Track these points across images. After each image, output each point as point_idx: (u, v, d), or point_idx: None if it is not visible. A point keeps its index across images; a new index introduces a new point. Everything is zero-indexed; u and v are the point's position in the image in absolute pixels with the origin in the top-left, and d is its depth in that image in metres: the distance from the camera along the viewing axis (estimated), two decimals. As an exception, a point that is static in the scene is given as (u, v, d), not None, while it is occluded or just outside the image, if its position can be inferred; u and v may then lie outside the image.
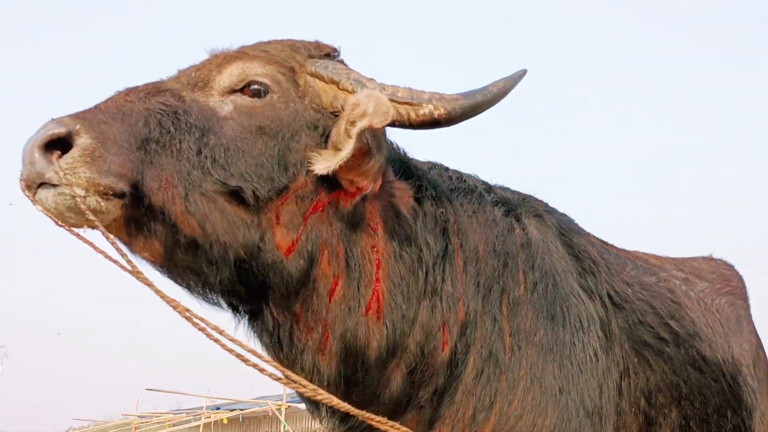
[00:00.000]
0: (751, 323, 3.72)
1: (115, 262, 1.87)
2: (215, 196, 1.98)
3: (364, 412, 1.95)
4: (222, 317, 2.20)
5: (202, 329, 1.90)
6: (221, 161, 2.00)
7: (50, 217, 1.88)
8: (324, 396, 1.89)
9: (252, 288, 2.06)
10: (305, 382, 1.91)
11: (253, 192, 2.00)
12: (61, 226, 1.89)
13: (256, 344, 2.22)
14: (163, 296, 1.89)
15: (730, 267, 3.90)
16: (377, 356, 2.16)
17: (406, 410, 2.25)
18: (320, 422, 2.33)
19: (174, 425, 36.83)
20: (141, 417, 38.64)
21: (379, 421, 1.95)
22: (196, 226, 1.96)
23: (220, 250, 1.99)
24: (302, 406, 30.00)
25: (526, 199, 2.80)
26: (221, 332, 1.92)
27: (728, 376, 3.12)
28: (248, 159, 2.03)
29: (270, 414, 31.23)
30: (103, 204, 1.86)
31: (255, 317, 2.18)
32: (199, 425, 33.97)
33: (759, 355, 3.67)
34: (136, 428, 38.43)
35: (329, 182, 2.12)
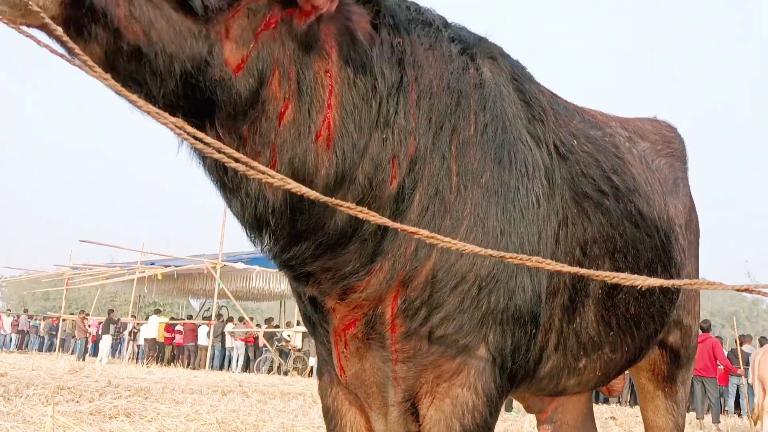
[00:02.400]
0: (687, 185, 3.79)
1: (62, 55, 1.73)
2: (161, 2, 1.85)
3: (332, 199, 1.86)
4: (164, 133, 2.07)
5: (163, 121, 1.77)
6: None
7: None
8: (293, 185, 1.79)
9: (198, 105, 1.96)
10: (264, 168, 1.79)
11: (202, 1, 1.87)
12: None
13: (198, 166, 2.15)
14: (118, 89, 1.72)
15: (673, 129, 3.93)
16: (325, 185, 2.11)
17: (350, 242, 2.23)
18: (261, 250, 2.29)
19: (107, 278, 37.07)
20: (73, 269, 38.70)
21: (348, 207, 1.86)
22: (140, 33, 1.83)
23: (165, 60, 1.87)
24: (237, 265, 30.63)
25: (482, 40, 2.72)
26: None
27: (662, 232, 3.19)
28: None
29: (205, 272, 31.65)
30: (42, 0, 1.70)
31: (199, 138, 2.09)
32: (133, 279, 34.25)
33: (691, 218, 3.76)
34: (68, 280, 38.55)
35: None
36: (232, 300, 31.68)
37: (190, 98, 1.94)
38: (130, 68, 1.87)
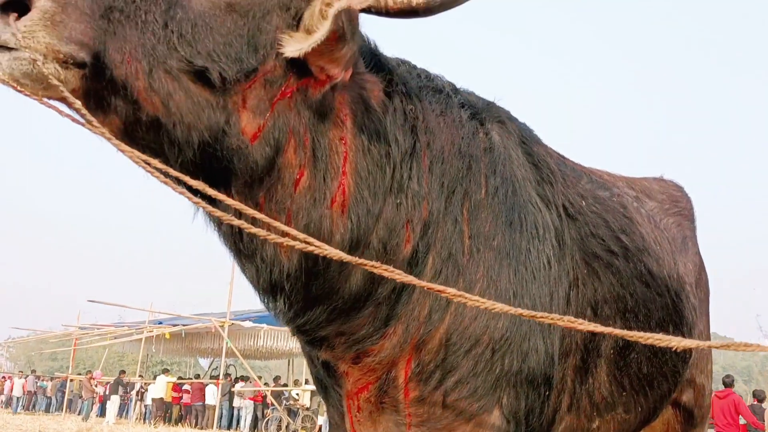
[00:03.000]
0: (696, 244, 3.81)
1: (83, 124, 1.78)
2: (180, 74, 1.89)
3: (355, 258, 1.90)
4: (181, 203, 2.11)
5: (164, 181, 1.84)
6: (188, 37, 1.90)
7: (5, 83, 1.76)
8: (315, 244, 1.83)
9: (215, 172, 1.99)
10: (287, 229, 1.84)
11: (220, 74, 1.92)
12: (20, 91, 1.77)
13: (214, 233, 2.19)
14: (122, 148, 1.78)
15: (679, 188, 3.98)
16: (340, 249, 2.13)
17: (364, 306, 2.25)
18: (275, 315, 2.30)
19: (115, 338, 36.90)
20: (82, 329, 38.55)
21: (372, 265, 1.88)
22: (159, 104, 1.87)
23: (183, 130, 1.91)
24: (245, 323, 30.37)
25: (490, 105, 2.78)
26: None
27: (672, 291, 3.20)
28: (216, 37, 1.93)
29: (213, 330, 31.47)
30: (62, 73, 1.75)
31: (215, 205, 2.12)
32: (141, 339, 34.09)
33: (701, 276, 3.77)
34: (76, 340, 38.38)
35: (299, 68, 2.04)
36: (240, 359, 31.45)
37: (207, 166, 1.97)
38: (148, 138, 1.90)
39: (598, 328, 1.88)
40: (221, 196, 1.84)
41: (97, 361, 48.83)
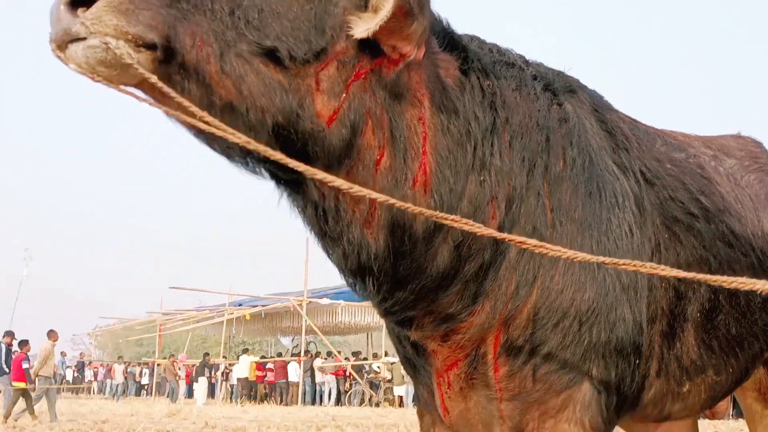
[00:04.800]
0: (780, 201, 3.69)
1: (159, 105, 1.82)
2: (251, 57, 1.90)
3: (439, 213, 1.95)
4: (265, 188, 2.13)
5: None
6: (255, 22, 1.91)
7: (83, 73, 1.79)
8: (399, 204, 1.89)
9: (293, 156, 1.95)
10: (368, 192, 1.89)
11: (289, 52, 1.92)
12: (98, 81, 1.80)
13: (298, 219, 2.21)
14: (226, 131, 1.80)
15: (759, 144, 3.85)
16: (425, 229, 2.14)
17: (452, 284, 2.26)
18: (365, 297, 2.33)
19: (197, 322, 37.89)
20: (165, 314, 39.69)
21: (453, 219, 1.90)
22: (231, 87, 1.89)
23: (256, 114, 1.92)
24: (323, 301, 30.85)
25: (560, 75, 2.75)
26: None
27: (758, 250, 3.12)
28: (283, 21, 1.94)
29: (291, 309, 32.04)
30: (135, 55, 1.76)
31: (297, 189, 2.13)
32: (222, 321, 34.91)
33: (787, 229, 3.67)
34: (161, 326, 39.54)
35: (371, 49, 2.04)
36: (320, 335, 31.96)
37: (284, 150, 1.94)
38: (224, 122, 1.88)
39: (681, 273, 1.90)
40: (303, 166, 1.85)
41: (181, 345, 50.16)
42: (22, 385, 18.80)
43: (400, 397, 27.90)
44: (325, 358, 32.95)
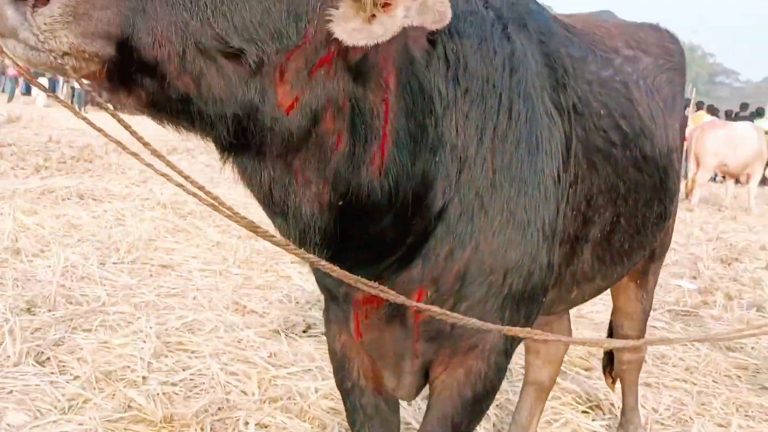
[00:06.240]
0: (683, 99, 3.74)
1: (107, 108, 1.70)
2: (215, 54, 1.73)
3: (329, 264, 1.97)
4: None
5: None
6: (223, 9, 1.71)
7: (16, 64, 1.65)
8: (261, 230, 1.87)
9: (249, 143, 1.90)
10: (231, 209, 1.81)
11: (257, 55, 1.75)
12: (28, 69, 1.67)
13: (245, 192, 2.10)
14: (153, 151, 1.70)
15: (675, 40, 3.81)
16: (377, 210, 2.09)
17: (392, 254, 2.25)
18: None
19: None
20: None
21: (368, 285, 1.94)
22: (190, 83, 1.73)
23: (215, 107, 1.79)
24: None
25: (514, 5, 2.60)
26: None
27: (661, 169, 3.20)
28: (254, 6, 1.74)
29: None
30: (84, 65, 1.61)
31: (248, 157, 2.02)
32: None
33: (683, 134, 3.79)
34: None
35: None
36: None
37: (239, 137, 1.87)
38: (177, 108, 1.79)
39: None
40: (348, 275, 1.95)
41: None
42: None
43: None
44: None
